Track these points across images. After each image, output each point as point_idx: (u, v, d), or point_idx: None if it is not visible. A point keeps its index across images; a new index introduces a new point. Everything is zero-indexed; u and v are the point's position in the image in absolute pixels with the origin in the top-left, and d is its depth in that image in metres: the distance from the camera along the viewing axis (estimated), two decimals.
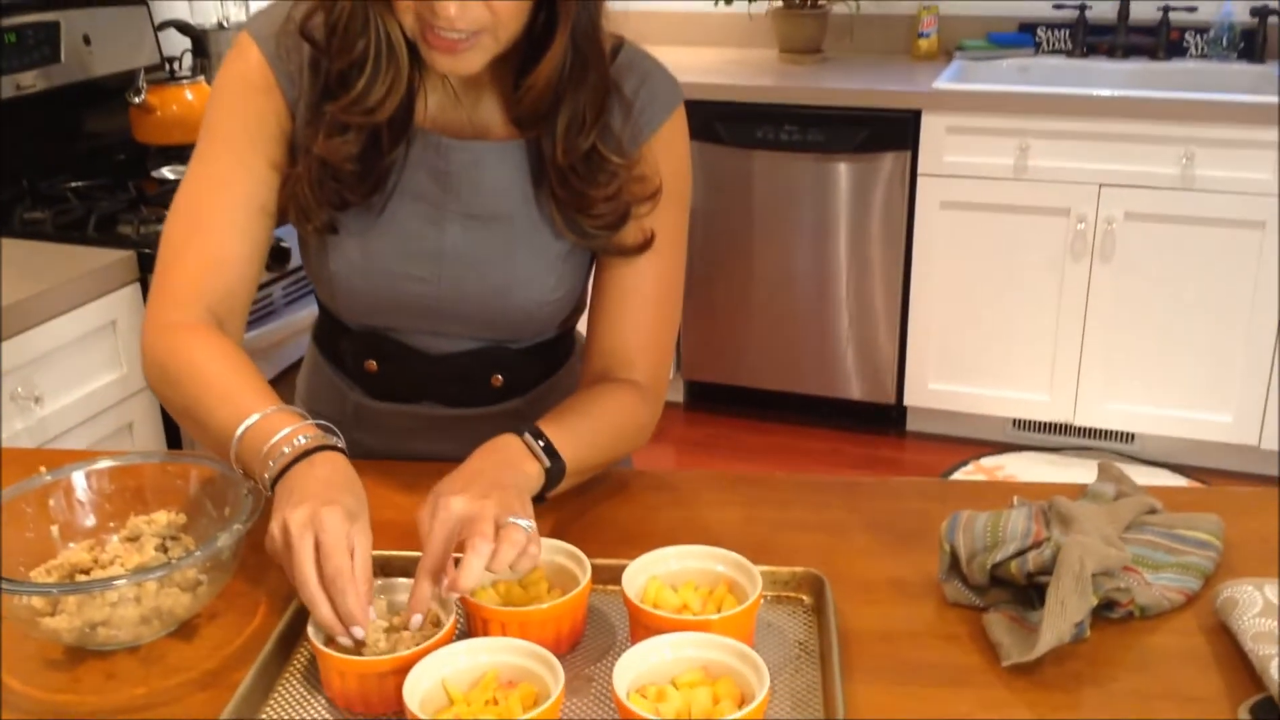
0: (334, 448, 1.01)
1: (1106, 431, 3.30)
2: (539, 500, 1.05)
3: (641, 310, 1.20)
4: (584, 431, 1.11)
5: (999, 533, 0.99)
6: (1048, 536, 0.98)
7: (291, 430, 1.00)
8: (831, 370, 3.40)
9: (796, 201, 3.27)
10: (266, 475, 0.99)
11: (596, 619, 1.01)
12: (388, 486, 1.22)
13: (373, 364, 1.25)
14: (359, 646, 0.91)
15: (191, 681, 0.94)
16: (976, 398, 3.29)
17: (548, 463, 1.05)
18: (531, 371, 1.29)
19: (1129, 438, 3.30)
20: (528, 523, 0.94)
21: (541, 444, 1.06)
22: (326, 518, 0.91)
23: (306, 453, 0.99)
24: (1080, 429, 3.32)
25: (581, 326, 1.36)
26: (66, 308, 1.94)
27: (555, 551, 1.01)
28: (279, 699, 0.92)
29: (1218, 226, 2.96)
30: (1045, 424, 3.34)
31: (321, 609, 0.90)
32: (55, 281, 1.93)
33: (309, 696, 0.92)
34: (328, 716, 0.90)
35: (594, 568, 0.99)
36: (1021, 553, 0.97)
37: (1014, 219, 3.11)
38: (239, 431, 1.01)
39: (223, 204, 1.12)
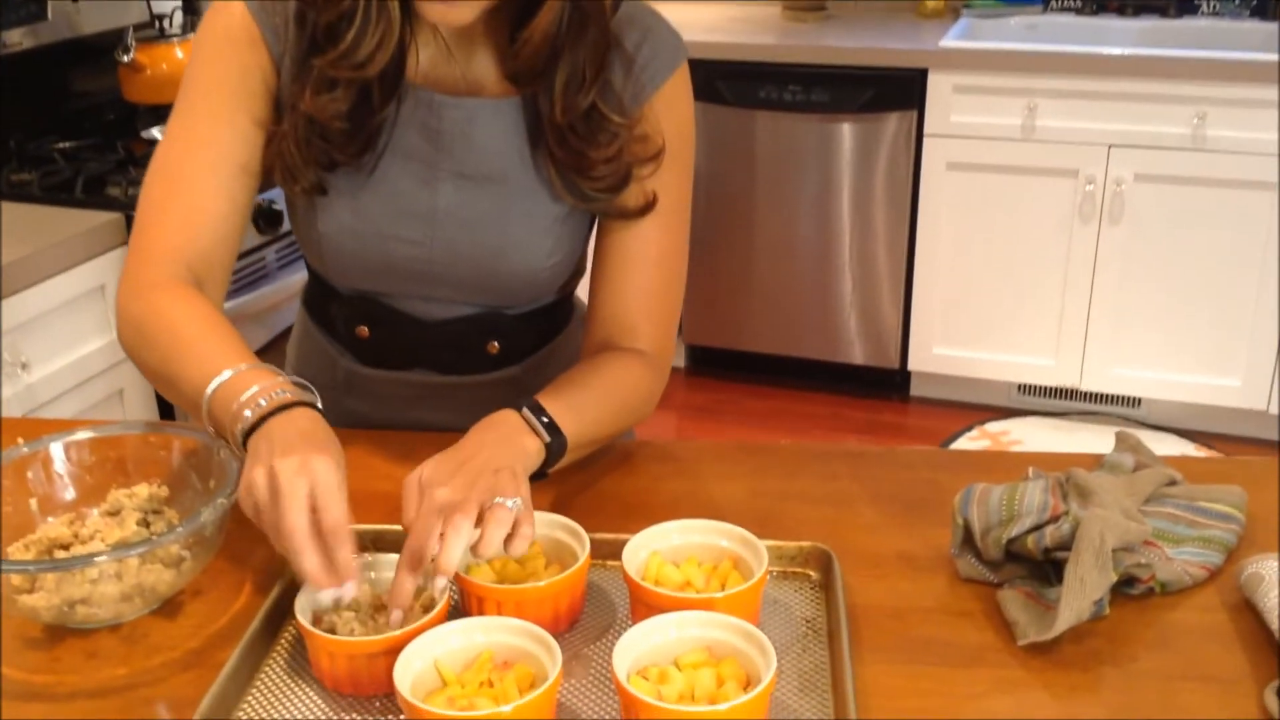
0: (312, 405, 0.97)
1: (1112, 396, 3.27)
2: (540, 477, 1.01)
3: (644, 275, 1.15)
4: (586, 404, 1.07)
5: (1015, 506, 0.95)
6: (1066, 510, 0.94)
7: (267, 384, 0.96)
8: (834, 335, 3.36)
9: (800, 163, 3.21)
10: (239, 428, 0.94)
11: (596, 596, 0.97)
12: (381, 457, 1.19)
13: (364, 330, 1.21)
14: (342, 610, 0.88)
15: (175, 661, 0.91)
16: (981, 362, 3.25)
17: (548, 438, 1.01)
18: (528, 338, 1.24)
19: (1135, 402, 3.26)
20: (514, 501, 0.90)
21: (542, 419, 1.01)
22: (320, 467, 0.88)
23: (283, 407, 0.94)
24: (1086, 394, 3.28)
25: (581, 292, 1.32)
26: (54, 271, 1.90)
27: (553, 526, 0.97)
28: (265, 680, 0.88)
29: (1229, 188, 2.91)
30: (1051, 389, 3.30)
31: (311, 560, 0.86)
32: (42, 244, 1.89)
33: (296, 677, 0.89)
34: (316, 698, 0.87)
35: (593, 543, 0.95)
36: (1038, 527, 0.93)
37: (1021, 180, 3.06)
38: (211, 388, 0.97)
39: (203, 162, 1.07)
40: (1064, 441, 3.12)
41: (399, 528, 1.02)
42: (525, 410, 1.02)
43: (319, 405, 0.98)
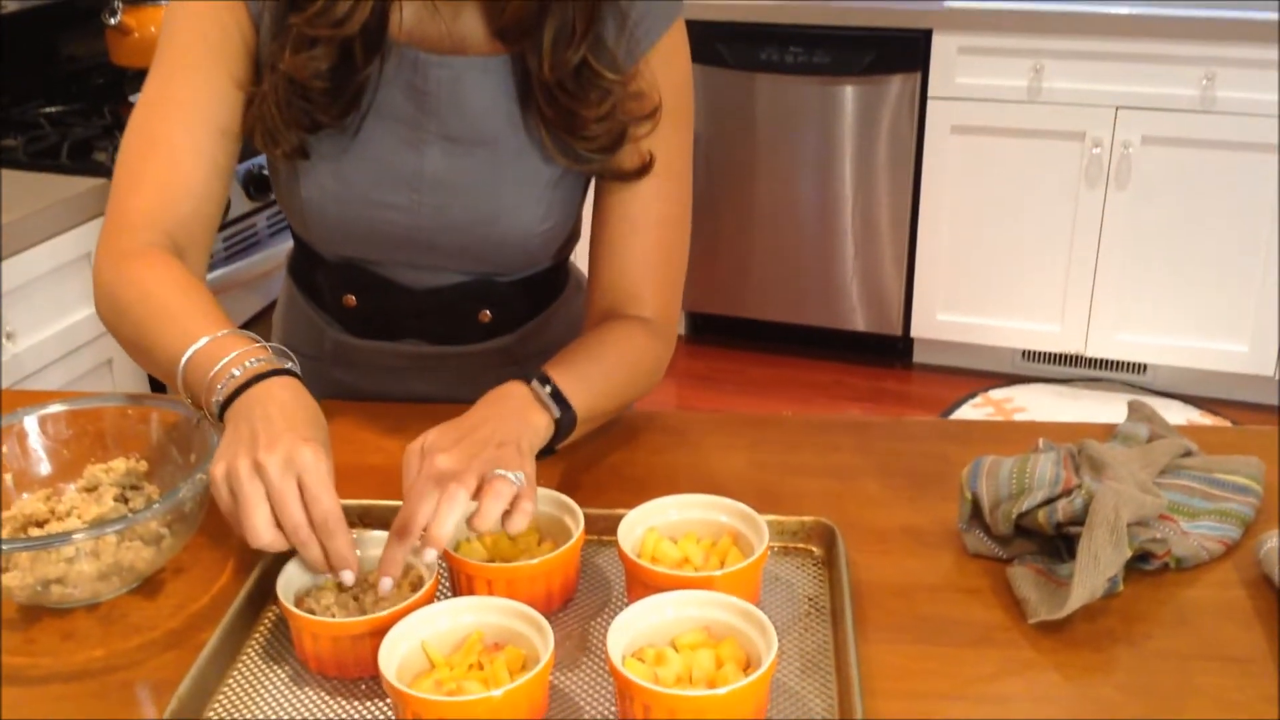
0: (289, 372, 0.93)
1: (1118, 362, 3.23)
2: (548, 453, 0.98)
3: (645, 239, 1.11)
4: (594, 376, 1.03)
5: (1026, 479, 0.92)
6: (1079, 484, 0.90)
7: (243, 352, 0.92)
8: (836, 301, 3.32)
9: (801, 127, 3.16)
10: (215, 400, 0.90)
11: (590, 574, 0.94)
12: (370, 429, 1.15)
13: (351, 298, 1.17)
14: (347, 592, 0.85)
15: (154, 642, 0.88)
16: (985, 329, 3.21)
17: (557, 412, 0.97)
18: (522, 306, 1.20)
19: (1141, 369, 3.22)
20: (517, 474, 0.86)
21: (551, 393, 0.97)
22: (306, 456, 0.84)
23: (259, 376, 0.90)
24: (1091, 360, 3.24)
25: (578, 259, 1.27)
26: (39, 239, 1.86)
27: (545, 501, 0.94)
28: (247, 662, 0.85)
29: (1239, 150, 2.86)
30: (1055, 355, 3.26)
31: (313, 552, 0.84)
32: (27, 211, 1.84)
33: (279, 659, 0.86)
34: (299, 681, 0.83)
35: (587, 518, 0.91)
36: (1050, 501, 0.90)
37: (1027, 144, 3.01)
38: (186, 356, 0.93)
39: (181, 125, 1.03)
40: (1069, 408, 3.09)
41: (387, 503, 0.99)
42: (534, 383, 0.98)
43: (298, 372, 0.94)
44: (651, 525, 0.91)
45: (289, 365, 0.94)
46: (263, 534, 0.83)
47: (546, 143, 1.06)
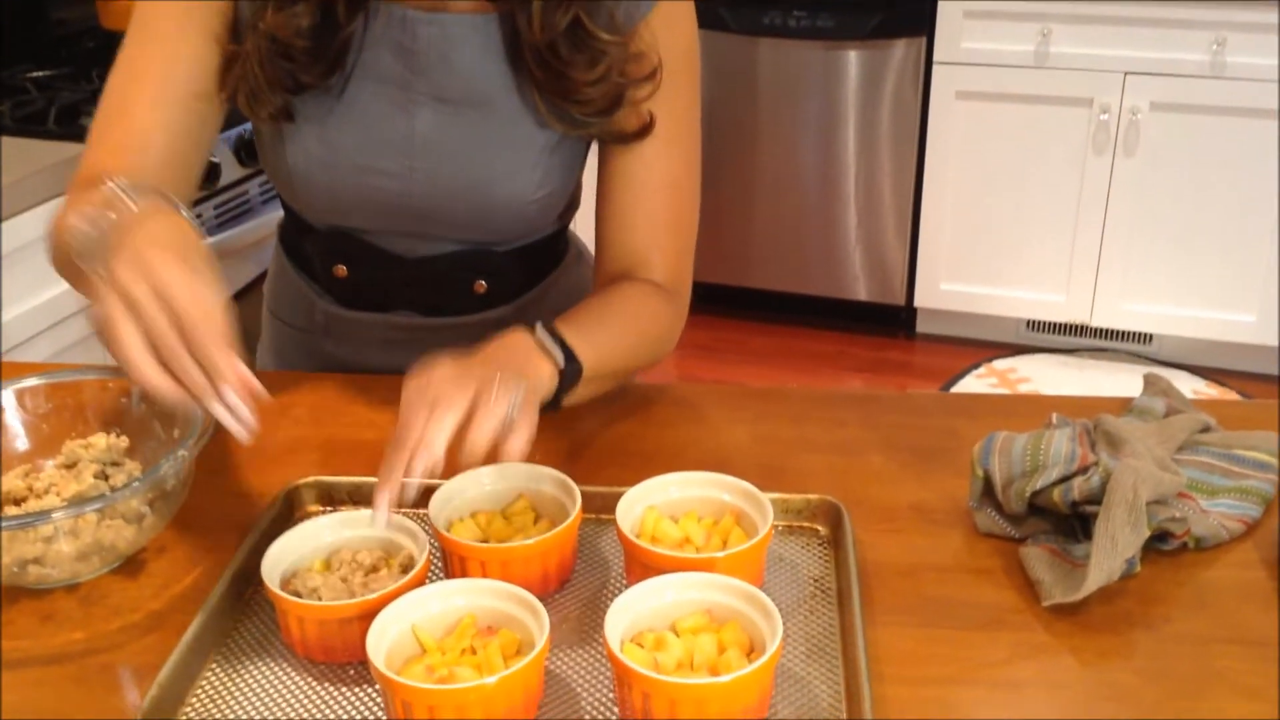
0: (170, 205, 0.84)
1: (1123, 332, 3.19)
2: (552, 407, 0.94)
3: (651, 203, 1.07)
4: (602, 333, 0.99)
5: (1040, 456, 0.88)
6: (1095, 461, 0.87)
7: (109, 189, 0.83)
8: (839, 270, 3.28)
9: (804, 92, 3.11)
10: (82, 247, 0.81)
11: (588, 553, 0.90)
12: (362, 403, 1.12)
13: (341, 269, 1.13)
14: (335, 573, 0.82)
15: (135, 624, 0.85)
16: (989, 298, 3.17)
17: (562, 361, 0.92)
18: (518, 276, 1.17)
19: (1147, 339, 3.19)
20: (515, 395, 0.82)
21: (557, 341, 0.93)
22: (155, 260, 0.74)
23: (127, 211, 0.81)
24: (1096, 330, 3.21)
25: (577, 227, 1.24)
26: (26, 206, 1.81)
27: (540, 479, 0.90)
28: (231, 645, 0.82)
29: (1249, 117, 2.81)
30: (1060, 325, 3.23)
31: (154, 378, 0.73)
32: (13, 177, 1.80)
33: (265, 643, 0.82)
34: (285, 666, 0.80)
35: (584, 496, 0.88)
36: (1066, 479, 0.87)
37: (1033, 110, 2.96)
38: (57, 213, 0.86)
39: (151, 87, 0.99)
40: (1074, 379, 3.05)
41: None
42: (539, 330, 0.93)
43: (188, 215, 0.85)
44: (651, 504, 0.88)
45: (176, 206, 0.85)
46: (135, 359, 0.73)
47: (540, 107, 1.02)
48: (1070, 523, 0.89)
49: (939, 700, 0.76)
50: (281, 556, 0.83)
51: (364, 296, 1.15)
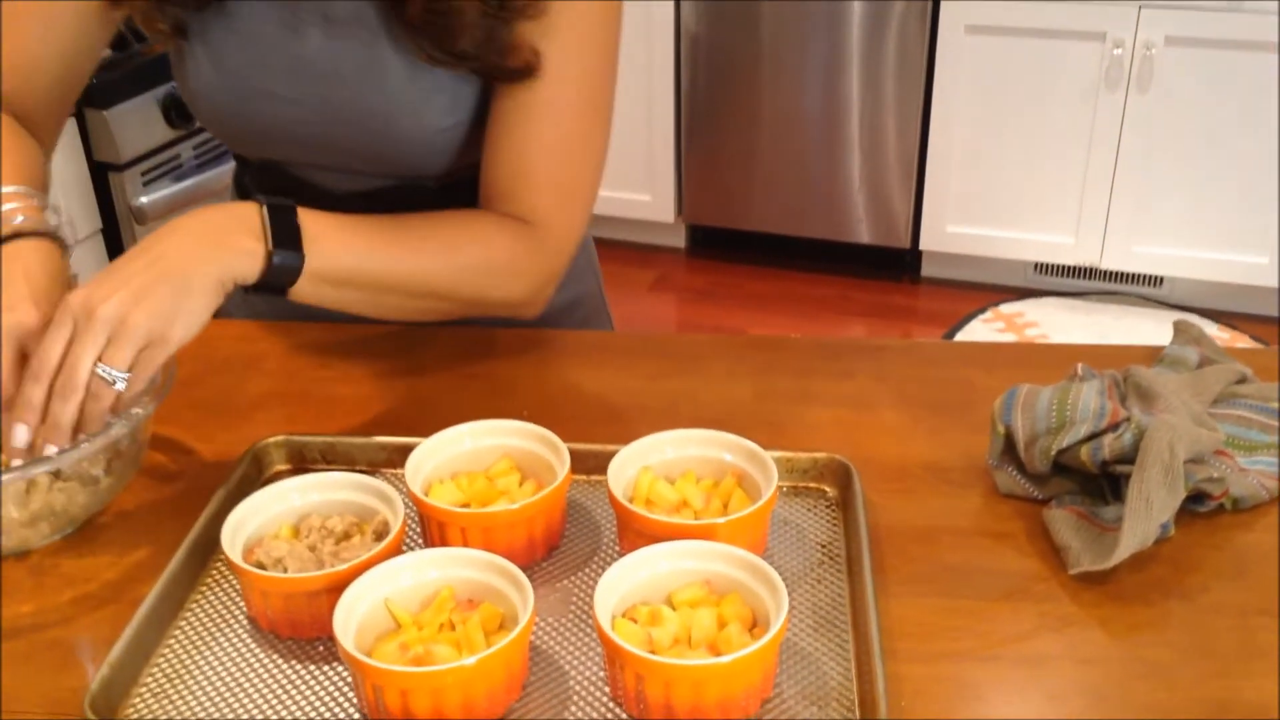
0: (51, 235, 0.87)
1: (1133, 275, 3.11)
2: (271, 290, 0.85)
3: (529, 136, 0.96)
4: (381, 236, 0.89)
5: (1067, 411, 0.82)
6: (1126, 416, 0.80)
7: (10, 209, 0.87)
8: (842, 213, 3.19)
9: (806, 28, 3.00)
10: None
11: (577, 518, 0.84)
12: (337, 353, 1.05)
13: None
14: (302, 541, 0.76)
15: (89, 596, 0.78)
16: (996, 241, 3.09)
17: (271, 246, 0.83)
18: None
19: (1157, 281, 3.11)
20: (122, 375, 0.76)
21: (282, 223, 0.84)
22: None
23: (17, 235, 0.85)
24: (1106, 273, 3.13)
25: None
26: None
27: (526, 436, 0.84)
28: (191, 619, 0.76)
29: (1268, 52, 2.71)
30: (1069, 268, 3.15)
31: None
32: None
33: (228, 617, 0.76)
34: (250, 641, 0.74)
35: (574, 455, 0.82)
36: (1095, 436, 0.80)
37: (1044, 44, 2.86)
38: None
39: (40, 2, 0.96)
40: (1082, 323, 2.98)
41: (353, 439, 0.90)
42: (265, 208, 0.84)
43: (63, 237, 0.88)
44: (646, 464, 0.81)
45: (53, 227, 0.87)
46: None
47: (412, 41, 0.93)
48: (1098, 483, 0.83)
49: (956, 678, 0.70)
50: (245, 522, 0.77)
51: None
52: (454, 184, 1.03)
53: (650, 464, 0.81)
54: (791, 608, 0.74)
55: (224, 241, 0.81)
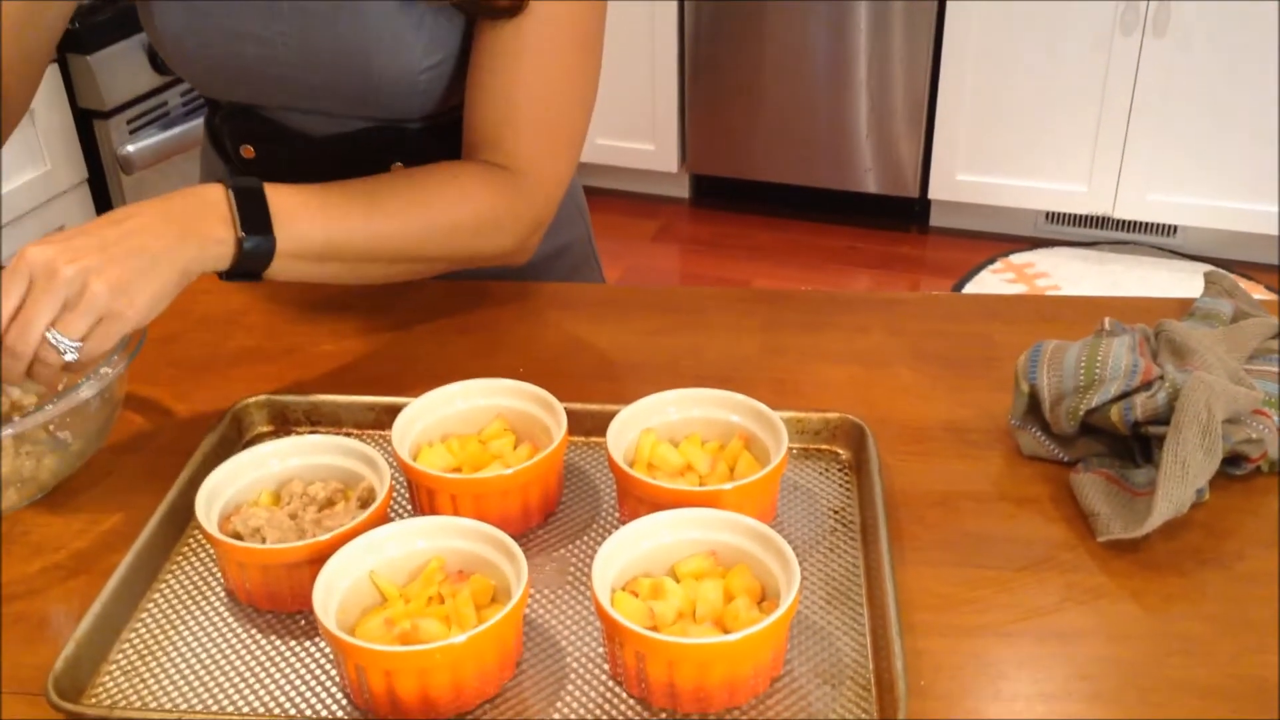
0: None
1: (1146, 224, 3.05)
2: (246, 276, 0.80)
3: (514, 80, 0.90)
4: (356, 205, 0.84)
5: (1096, 369, 0.76)
6: (1160, 374, 0.75)
7: None
8: (849, 162, 3.12)
9: None
10: None
11: (575, 483, 0.79)
12: (322, 308, 1.00)
13: (249, 149, 1.01)
14: (282, 509, 0.71)
15: (58, 566, 0.74)
16: (1007, 189, 3.02)
17: (241, 233, 0.78)
18: (439, 156, 1.02)
19: (1171, 231, 3.04)
20: (73, 345, 0.71)
21: (250, 207, 0.79)
22: None
23: None
24: (1118, 222, 3.06)
25: None
26: None
27: (520, 396, 0.79)
28: (165, 591, 0.72)
29: None
30: (1080, 217, 3.08)
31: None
32: None
33: (204, 588, 0.72)
34: (228, 615, 0.70)
35: (570, 416, 0.77)
36: (1126, 395, 0.75)
37: None
38: None
39: None
40: (1094, 273, 2.92)
41: (338, 399, 0.85)
42: (232, 190, 0.78)
43: None
44: (648, 426, 0.77)
45: None
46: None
47: None
48: (1127, 444, 0.78)
49: (978, 653, 0.66)
50: (220, 489, 0.73)
51: (275, 180, 1.02)
52: (437, 127, 0.98)
53: (652, 425, 0.77)
54: (803, 580, 0.70)
55: (193, 228, 0.76)
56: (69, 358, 0.71)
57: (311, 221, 0.81)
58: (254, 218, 0.79)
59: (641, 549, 0.67)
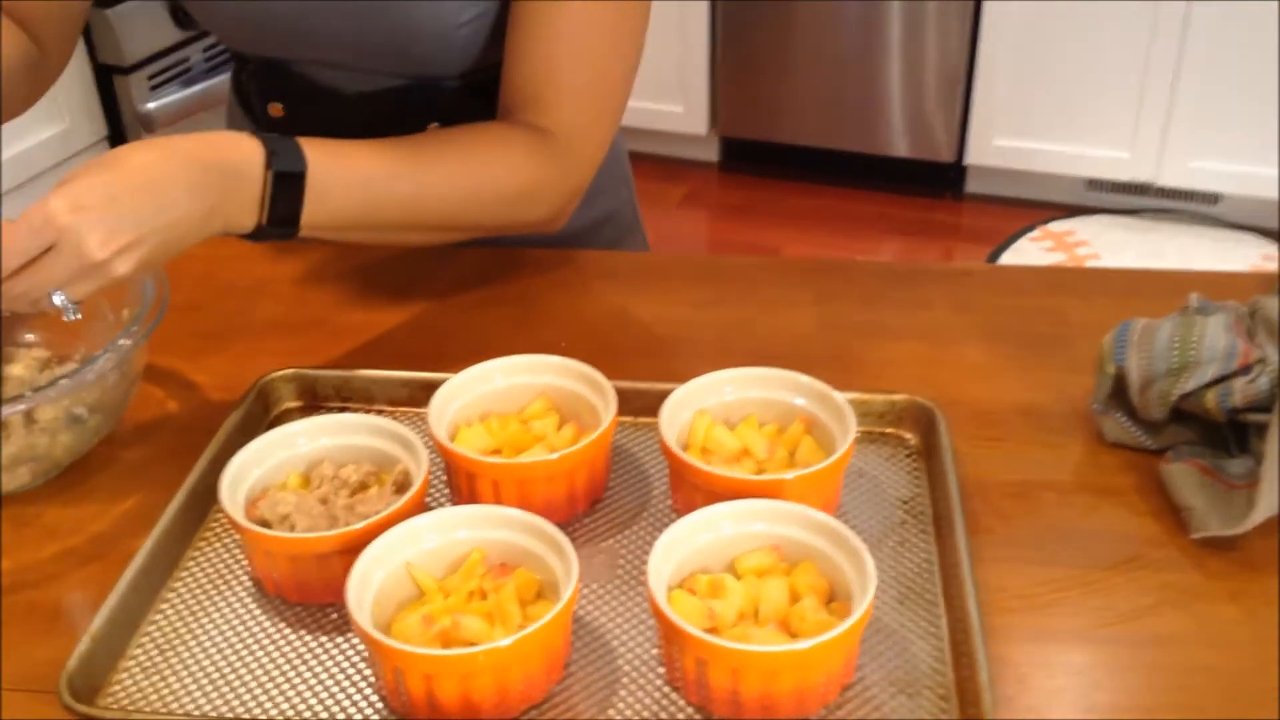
0: None
1: (1187, 192, 2.96)
2: (281, 235, 0.75)
3: (556, 36, 0.85)
4: (397, 179, 0.79)
5: (1191, 351, 0.71)
6: (1260, 357, 0.69)
7: None
8: (882, 125, 3.04)
9: None
10: None
11: (624, 467, 0.74)
12: (353, 276, 0.95)
13: (277, 106, 0.96)
14: (312, 493, 0.67)
15: (74, 551, 0.70)
16: (1048, 155, 2.94)
17: (265, 222, 0.73)
18: (475, 115, 0.97)
19: (1214, 199, 2.96)
20: (75, 307, 0.67)
21: (280, 168, 0.73)
22: None
23: None
24: (1160, 189, 2.98)
25: None
26: None
27: (566, 374, 0.73)
28: (187, 580, 0.67)
29: None
30: (1122, 184, 3.00)
31: None
32: None
33: (229, 577, 0.67)
34: (254, 606, 0.65)
35: (619, 394, 0.72)
36: (1223, 379, 0.69)
37: None
38: None
39: None
40: (1136, 242, 2.84)
41: (370, 374, 0.80)
42: (273, 175, 0.72)
43: None
44: (702, 407, 0.71)
45: None
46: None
47: None
48: (1220, 432, 0.72)
49: (1067, 661, 0.61)
50: (246, 470, 0.68)
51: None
52: (473, 85, 0.92)
53: (707, 406, 0.71)
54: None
55: (221, 209, 0.71)
56: (69, 318, 0.67)
57: (346, 198, 0.76)
58: (285, 209, 0.73)
59: (699, 542, 0.62)
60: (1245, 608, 0.63)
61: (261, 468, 0.69)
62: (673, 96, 3.15)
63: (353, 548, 0.61)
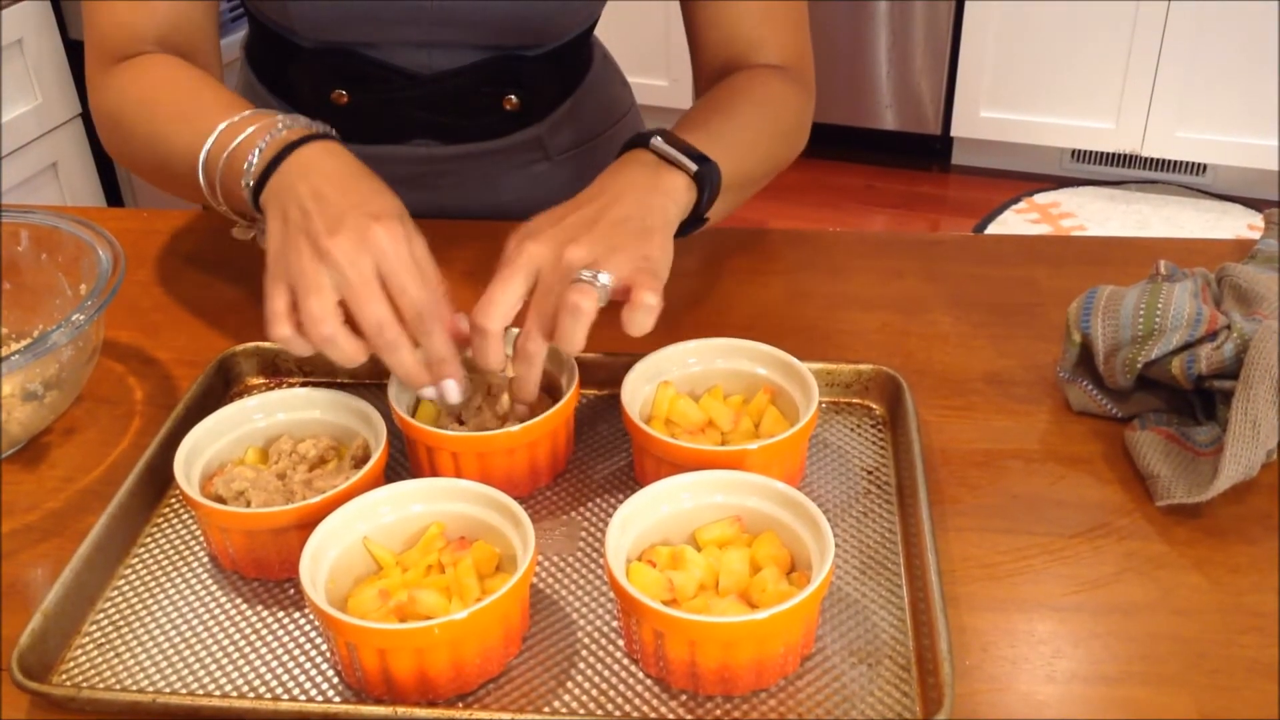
0: (328, 136, 0.73)
1: (1173, 163, 2.95)
2: (696, 225, 0.76)
3: None
4: (728, 130, 0.80)
5: (1156, 317, 0.70)
6: (1226, 324, 0.69)
7: (265, 123, 0.73)
8: (868, 98, 3.03)
9: None
10: (245, 184, 0.71)
11: (586, 439, 0.73)
12: None
13: (342, 94, 0.93)
14: (270, 468, 0.66)
15: (30, 528, 0.69)
16: (1032, 126, 2.93)
17: (693, 165, 0.73)
18: (552, 87, 0.97)
19: (1200, 170, 2.95)
20: (603, 277, 0.65)
21: (680, 146, 0.74)
22: (381, 238, 0.65)
23: (292, 145, 0.70)
24: (1146, 160, 2.97)
25: (606, 28, 1.03)
26: None
27: None
28: (144, 556, 0.66)
29: None
30: (1107, 155, 2.99)
31: (403, 356, 0.65)
32: None
33: (185, 554, 0.66)
34: (210, 583, 0.64)
35: (582, 366, 0.71)
36: (1189, 346, 0.69)
37: None
38: (205, 147, 0.74)
39: None
40: (1121, 213, 2.84)
41: None
42: (654, 140, 0.74)
43: (334, 135, 0.74)
44: (666, 379, 0.71)
45: (325, 129, 0.74)
46: (343, 345, 0.64)
47: None
48: (1186, 399, 0.71)
49: (1030, 630, 0.60)
50: (201, 446, 0.67)
51: (371, 126, 0.95)
52: (550, 53, 0.92)
53: (671, 378, 0.71)
54: (836, 548, 0.64)
55: (655, 185, 0.72)
56: (602, 280, 0.65)
57: (721, 149, 0.76)
58: (690, 153, 0.74)
59: (659, 514, 0.62)
60: (1210, 575, 0.63)
61: (218, 443, 0.68)
62: (658, 70, 3.13)
63: (308, 523, 0.61)
